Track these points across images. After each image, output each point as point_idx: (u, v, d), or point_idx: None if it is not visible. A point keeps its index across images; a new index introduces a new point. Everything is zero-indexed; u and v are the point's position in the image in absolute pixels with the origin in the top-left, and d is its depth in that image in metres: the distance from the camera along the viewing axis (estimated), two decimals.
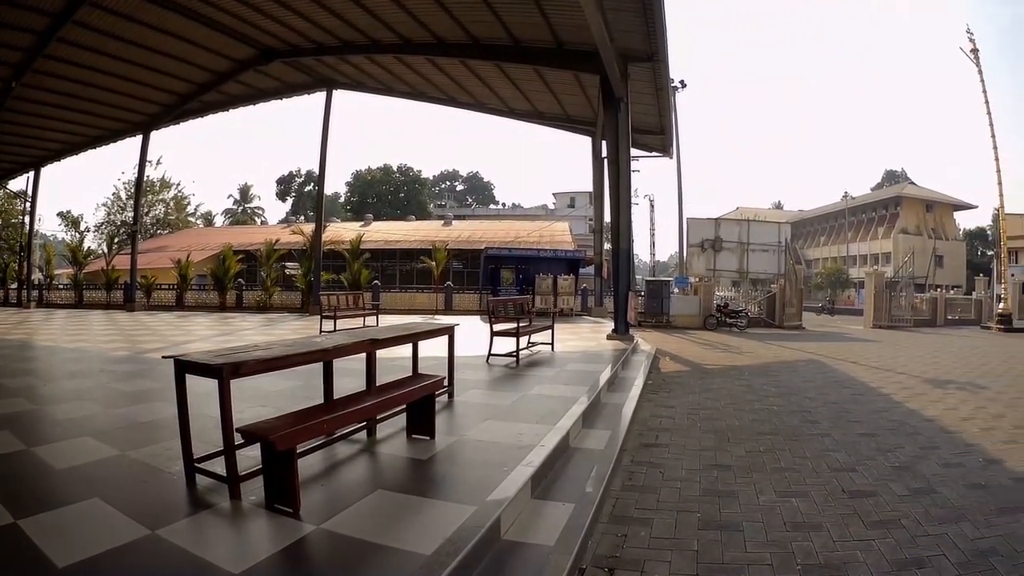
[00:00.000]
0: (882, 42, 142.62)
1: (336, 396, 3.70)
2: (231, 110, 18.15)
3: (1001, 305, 23.56)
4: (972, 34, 22.67)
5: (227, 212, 58.96)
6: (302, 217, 49.68)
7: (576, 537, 2.80)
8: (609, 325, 12.69)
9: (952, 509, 3.90)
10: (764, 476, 4.37)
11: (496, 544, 2.65)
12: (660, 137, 19.68)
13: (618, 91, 12.03)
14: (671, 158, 23.42)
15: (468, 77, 15.52)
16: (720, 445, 5.19)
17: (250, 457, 3.05)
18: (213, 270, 20.82)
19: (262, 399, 4.72)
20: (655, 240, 40.52)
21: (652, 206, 55.43)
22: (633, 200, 28.76)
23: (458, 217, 48.52)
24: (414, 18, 12.06)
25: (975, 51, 22.66)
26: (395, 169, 61.19)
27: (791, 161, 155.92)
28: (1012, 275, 26.42)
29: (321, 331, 10.23)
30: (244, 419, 3.18)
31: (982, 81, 22.58)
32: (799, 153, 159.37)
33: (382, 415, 4.07)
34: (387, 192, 59.30)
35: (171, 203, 42.46)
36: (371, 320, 11.38)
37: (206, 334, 11.57)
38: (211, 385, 2.75)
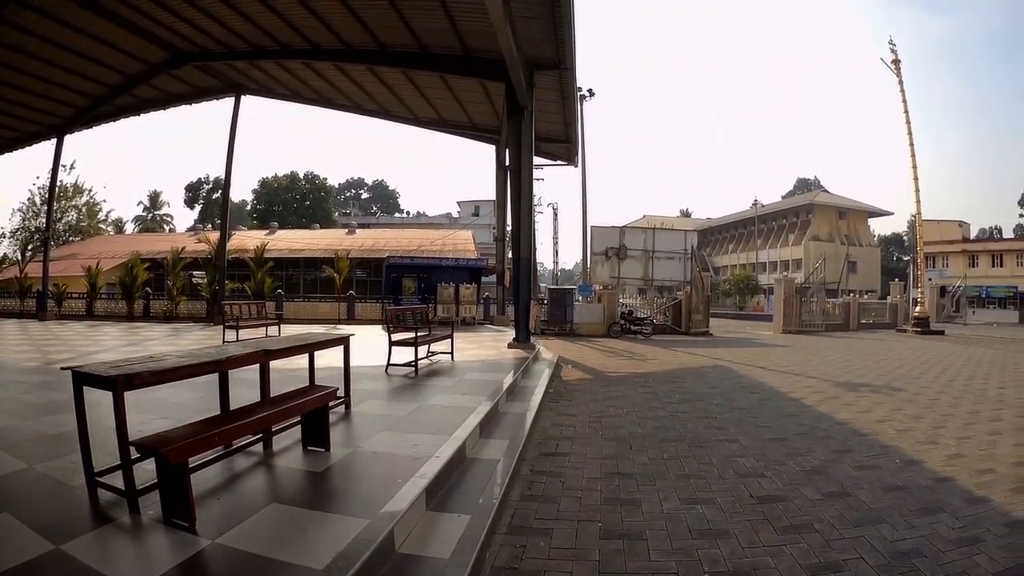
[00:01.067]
0: (802, 53, 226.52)
1: (235, 408, 5.15)
2: (143, 114, 25.54)
3: (918, 308, 33.33)
4: (894, 45, 33.13)
5: (137, 219, 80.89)
6: (210, 225, 63.65)
7: (472, 549, 3.87)
8: (511, 334, 16.88)
9: (868, 512, 5.18)
10: (668, 483, 5.78)
11: (391, 557, 3.71)
12: (565, 146, 27.28)
13: (523, 99, 16.07)
14: (576, 167, 32.58)
15: (375, 84, 21.52)
16: (622, 453, 6.86)
17: (150, 470, 4.22)
18: (122, 279, 29.15)
19: (164, 411, 6.55)
20: (558, 248, 59.05)
21: (556, 214, 71.64)
22: (537, 209, 48.05)
23: (362, 226, 64.47)
24: (324, 23, 16.69)
25: (896, 62, 33.07)
26: (301, 177, 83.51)
27: (702, 171, 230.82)
28: (930, 279, 38.20)
29: (224, 341, 14.20)
30: (146, 431, 4.53)
31: (902, 91, 32.92)
32: (712, 163, 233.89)
33: (278, 427, 5.59)
34: (293, 200, 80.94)
35: (83, 209, 58.48)
36: (274, 330, 15.96)
37: (113, 344, 15.89)
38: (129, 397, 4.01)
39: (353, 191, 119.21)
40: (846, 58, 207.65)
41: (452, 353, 12.57)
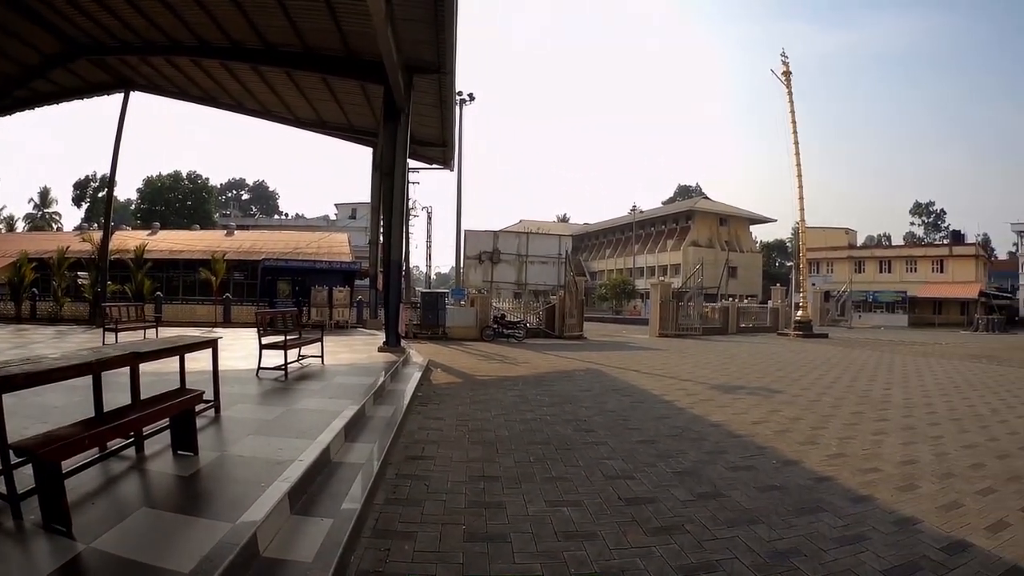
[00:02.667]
0: (692, 62, 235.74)
1: (108, 410, 5.48)
2: (36, 108, 26.51)
3: (800, 313, 36.92)
4: (786, 57, 37.54)
5: (27, 217, 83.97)
6: (95, 224, 65.04)
7: (334, 553, 4.14)
8: (383, 337, 17.57)
9: (743, 512, 5.37)
10: (534, 486, 6.02)
11: (255, 561, 3.97)
12: (442, 149, 28.72)
13: (400, 102, 17.36)
14: (452, 171, 34.34)
15: (258, 83, 23.17)
16: (489, 456, 7.16)
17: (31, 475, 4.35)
18: (11, 279, 30.01)
19: (47, 415, 6.68)
20: (432, 252, 61.31)
21: (430, 218, 78.06)
22: (412, 212, 51.85)
23: (241, 227, 66.64)
24: (214, 20, 17.84)
25: (787, 73, 37.34)
26: (184, 176, 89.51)
27: (583, 177, 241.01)
28: (813, 284, 42.73)
29: (104, 344, 15.25)
30: (29, 435, 4.62)
31: (791, 102, 37.19)
32: (593, 170, 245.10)
33: (149, 430, 5.97)
34: (175, 200, 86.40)
35: None
36: (152, 333, 16.74)
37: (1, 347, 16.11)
38: (10, 400, 4.31)
39: (234, 192, 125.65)
40: (741, 67, 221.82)
41: (322, 356, 13.12)
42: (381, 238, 22.52)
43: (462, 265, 34.78)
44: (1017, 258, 72.41)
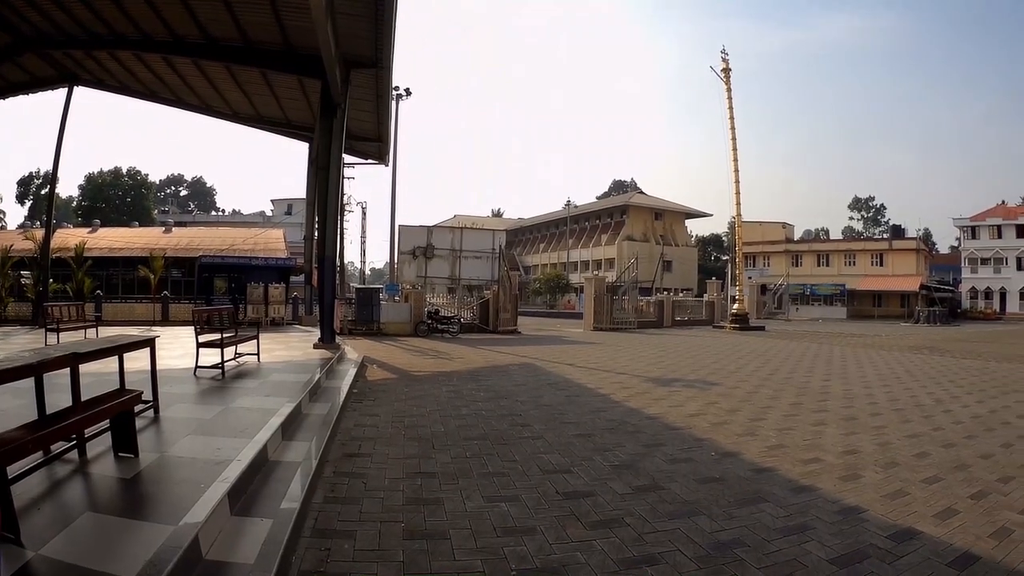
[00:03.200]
0: (634, 58, 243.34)
1: (51, 412, 5.47)
2: None
3: (736, 306, 38.22)
4: (727, 54, 39.11)
5: None
6: (39, 222, 64.06)
7: (275, 554, 4.18)
8: (318, 334, 17.86)
9: (683, 504, 5.44)
10: (471, 482, 6.09)
11: (199, 564, 4.02)
12: (377, 144, 29.30)
13: (337, 97, 17.77)
14: (387, 166, 35.30)
15: (199, 78, 23.31)
16: (425, 452, 7.24)
17: None
18: None
19: None
20: (366, 247, 61.74)
21: (364, 213, 75.89)
22: (347, 208, 51.97)
23: (179, 224, 68.48)
24: (157, 14, 18.03)
25: (727, 70, 38.92)
26: (124, 173, 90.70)
27: (520, 172, 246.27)
28: (749, 278, 44.27)
29: (46, 344, 15.23)
30: None
31: (729, 99, 38.93)
32: (531, 165, 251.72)
33: (91, 432, 5.98)
34: (115, 196, 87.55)
35: None
36: (92, 332, 17.11)
37: None
38: None
39: (173, 188, 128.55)
40: (683, 64, 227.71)
41: (258, 354, 13.32)
42: (316, 234, 22.92)
43: (396, 260, 35.31)
44: (960, 252, 76.71)
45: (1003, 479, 6.62)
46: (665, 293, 46.82)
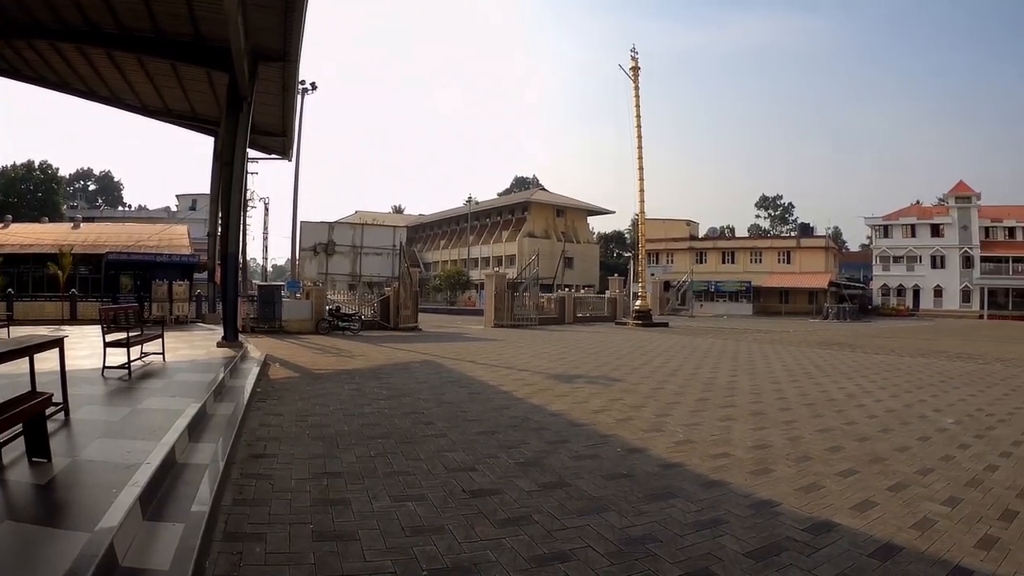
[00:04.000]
0: (546, 59, 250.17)
1: None
2: None
3: (639, 302, 39.38)
4: (636, 53, 40.73)
5: None
6: None
7: (189, 559, 4.20)
8: (222, 332, 18.01)
9: (591, 500, 5.54)
10: (377, 481, 6.14)
11: (116, 572, 4.01)
12: (281, 139, 29.72)
13: (244, 90, 17.95)
14: (291, 161, 35.19)
15: (111, 69, 23.18)
16: (330, 452, 7.29)
17: None
18: None
19: None
20: (268, 244, 60.68)
21: (267, 209, 76.19)
22: (250, 203, 51.43)
23: (87, 219, 67.45)
24: (75, 2, 17.88)
25: (635, 69, 40.35)
26: (36, 166, 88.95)
27: (420, 169, 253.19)
28: (652, 275, 45.47)
29: None
30: None
31: (636, 97, 40.39)
32: (434, 161, 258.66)
33: (4, 437, 5.87)
34: (27, 191, 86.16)
35: None
36: (4, 332, 17.29)
37: None
38: None
39: (82, 182, 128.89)
40: (589, 62, 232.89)
41: (163, 353, 13.35)
42: (220, 230, 22.89)
43: (298, 257, 36.07)
44: (871, 250, 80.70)
45: (922, 471, 6.95)
46: (566, 290, 48.34)
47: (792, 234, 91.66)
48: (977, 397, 12.47)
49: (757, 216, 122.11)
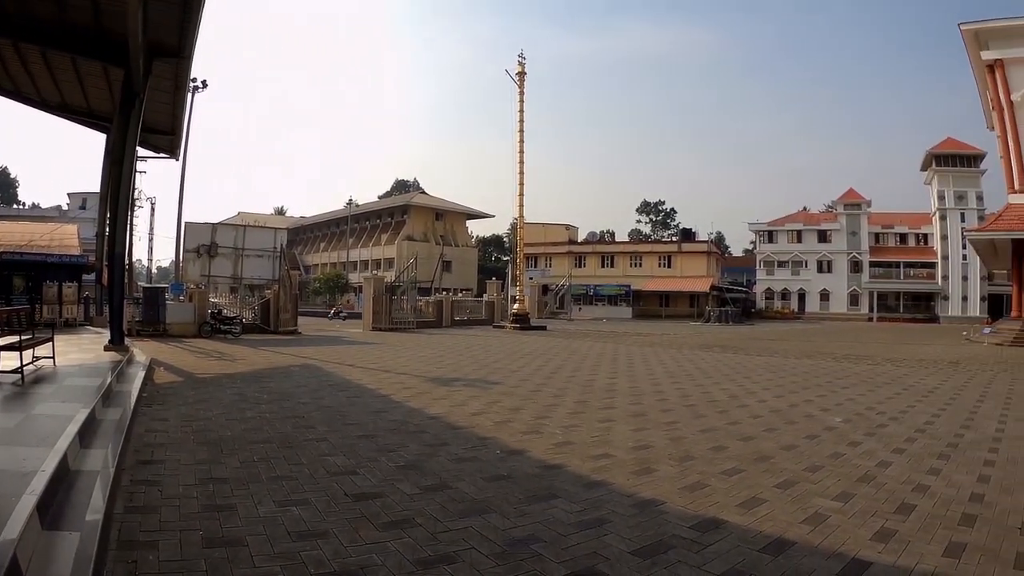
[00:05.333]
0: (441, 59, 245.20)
1: None
2: None
3: (516, 305, 40.24)
4: (524, 59, 41.56)
5: None
6: None
7: (87, 570, 4.14)
8: (109, 335, 17.57)
9: (473, 503, 5.58)
10: (261, 486, 6.11)
11: None
12: (170, 138, 29.34)
13: (137, 86, 17.76)
14: (178, 160, 34.81)
15: (15, 62, 22.74)
16: (215, 457, 7.21)
17: None
18: None
19: None
20: (154, 245, 60.84)
21: (153, 209, 77.23)
22: (137, 203, 49.93)
23: None
24: None
25: (522, 74, 41.13)
26: None
27: (304, 170, 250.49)
28: (531, 278, 46.59)
29: None
30: None
31: (521, 102, 41.16)
32: (316, 163, 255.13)
33: None
34: None
35: None
36: None
37: None
38: None
39: None
40: (476, 67, 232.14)
41: (54, 357, 13.14)
42: (108, 230, 22.48)
43: (182, 259, 35.59)
44: (754, 255, 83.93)
45: (811, 468, 7.20)
46: (445, 293, 48.75)
47: (673, 239, 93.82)
48: (867, 396, 13.05)
49: (638, 221, 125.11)
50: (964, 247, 65.35)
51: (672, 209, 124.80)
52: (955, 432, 9.53)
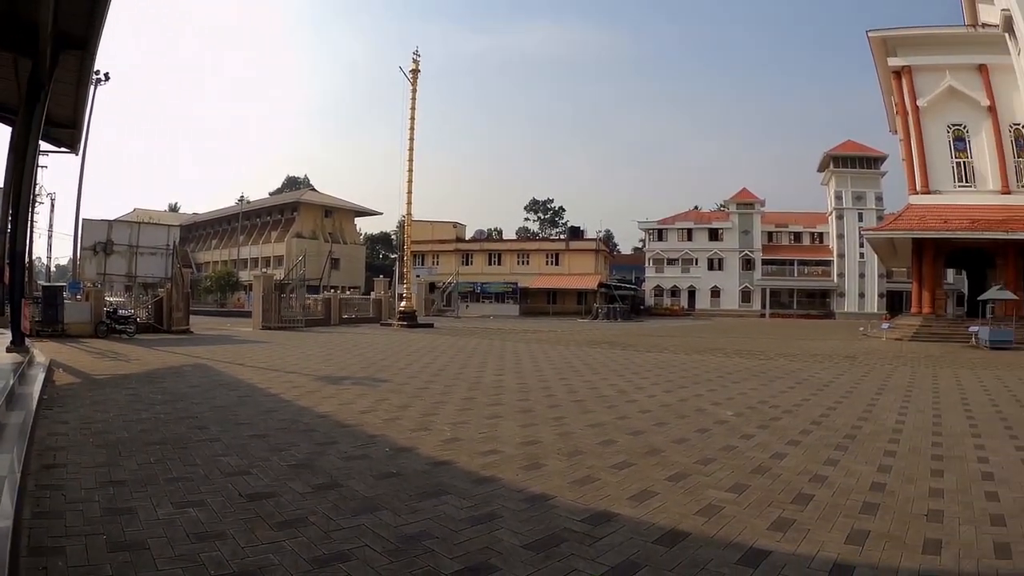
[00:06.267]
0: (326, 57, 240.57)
1: None
2: None
3: (404, 303, 40.01)
4: (419, 56, 41.34)
5: None
6: None
7: None
8: (10, 336, 17.17)
9: (364, 500, 5.67)
10: (159, 488, 6.07)
11: None
12: (71, 132, 28.29)
13: (43, 78, 17.27)
14: (78, 154, 34.09)
15: None
16: (113, 460, 7.13)
17: None
18: None
19: None
20: (52, 243, 56.50)
21: (53, 205, 71.58)
22: (38, 199, 47.48)
23: None
24: None
25: (415, 72, 40.93)
26: None
27: (196, 164, 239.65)
28: (418, 276, 46.81)
29: None
30: None
31: (413, 99, 41.05)
32: (211, 158, 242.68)
33: None
34: None
35: None
36: None
37: None
38: None
39: None
40: (367, 64, 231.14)
41: None
42: (9, 227, 21.85)
43: (79, 256, 34.78)
44: (644, 252, 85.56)
45: (703, 461, 7.41)
46: (333, 291, 48.87)
47: (561, 237, 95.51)
48: (759, 391, 13.43)
49: (527, 219, 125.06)
50: (861, 245, 67.85)
51: (561, 207, 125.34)
52: (853, 424, 9.91)
